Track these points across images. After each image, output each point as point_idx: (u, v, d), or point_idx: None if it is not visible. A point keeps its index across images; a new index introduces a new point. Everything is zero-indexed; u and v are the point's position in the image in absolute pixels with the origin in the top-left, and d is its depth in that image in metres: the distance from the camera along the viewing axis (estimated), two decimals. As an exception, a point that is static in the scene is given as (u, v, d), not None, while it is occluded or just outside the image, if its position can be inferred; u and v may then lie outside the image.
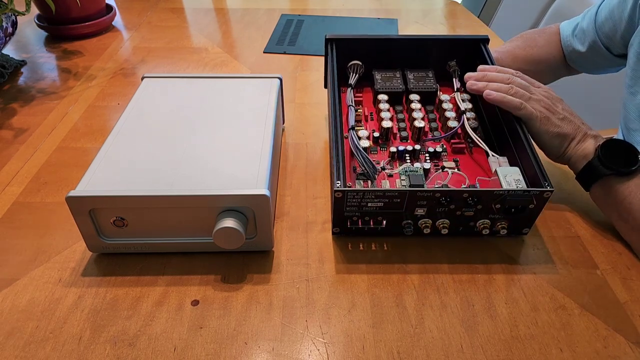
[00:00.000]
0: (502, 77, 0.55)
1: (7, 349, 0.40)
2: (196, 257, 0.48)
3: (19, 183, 0.58)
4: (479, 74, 0.56)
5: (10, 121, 0.70)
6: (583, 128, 0.52)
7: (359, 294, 0.45)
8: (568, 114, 0.53)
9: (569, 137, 0.52)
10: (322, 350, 0.40)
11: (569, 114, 0.53)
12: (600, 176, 0.49)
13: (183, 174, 0.45)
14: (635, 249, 0.49)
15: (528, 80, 0.56)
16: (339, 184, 0.45)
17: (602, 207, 0.52)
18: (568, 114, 0.53)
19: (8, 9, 0.70)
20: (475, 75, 0.56)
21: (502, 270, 0.48)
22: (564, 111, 0.53)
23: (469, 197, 0.45)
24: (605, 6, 0.66)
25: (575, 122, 0.52)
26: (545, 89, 0.55)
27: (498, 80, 0.55)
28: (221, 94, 0.58)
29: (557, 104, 0.53)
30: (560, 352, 0.40)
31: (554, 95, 0.55)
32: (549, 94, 0.54)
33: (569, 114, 0.53)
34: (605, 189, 0.50)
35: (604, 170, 0.49)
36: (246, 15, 1.09)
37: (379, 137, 0.58)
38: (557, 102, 0.54)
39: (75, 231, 0.51)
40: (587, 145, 0.51)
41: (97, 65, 0.86)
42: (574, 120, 0.53)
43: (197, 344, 0.41)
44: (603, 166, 0.48)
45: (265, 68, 0.87)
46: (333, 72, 0.59)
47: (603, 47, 0.67)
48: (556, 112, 0.52)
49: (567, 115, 0.53)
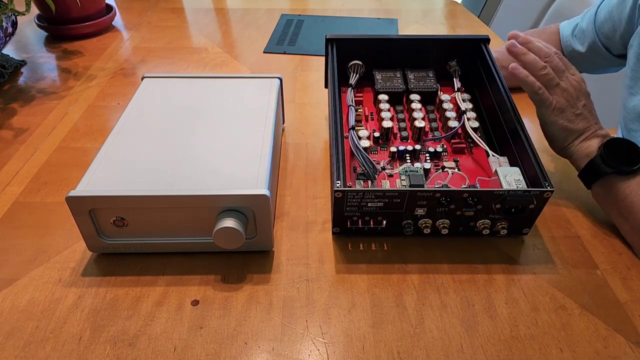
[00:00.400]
0: (544, 52, 0.53)
1: (7, 349, 0.40)
2: (196, 257, 0.48)
3: (19, 183, 0.58)
4: (524, 38, 0.54)
5: (10, 121, 0.70)
6: (594, 127, 0.52)
7: (359, 294, 0.45)
8: (587, 111, 0.52)
9: (576, 133, 0.52)
10: (322, 350, 0.40)
11: (587, 111, 0.52)
12: (602, 174, 0.49)
13: (183, 174, 0.45)
14: (635, 248, 0.49)
15: (566, 65, 0.54)
16: (339, 183, 0.45)
17: (603, 206, 0.52)
18: (587, 111, 0.52)
19: (8, 9, 0.70)
20: (521, 38, 0.54)
21: (502, 270, 0.48)
22: (584, 108, 0.52)
23: (469, 197, 0.45)
24: (604, 6, 0.66)
25: (590, 121, 0.52)
26: (577, 79, 0.53)
27: (539, 54, 0.53)
28: (221, 94, 0.58)
29: (580, 98, 0.52)
30: (560, 352, 0.40)
31: (582, 88, 0.53)
32: (578, 86, 0.52)
33: (587, 111, 0.52)
34: (607, 188, 0.50)
35: (605, 169, 0.48)
36: (246, 15, 1.09)
37: (379, 137, 0.58)
38: (581, 96, 0.52)
39: (75, 231, 0.51)
40: (592, 143, 0.51)
41: (97, 65, 0.86)
42: (590, 118, 0.52)
43: (197, 344, 0.41)
44: (605, 164, 0.48)
45: (265, 68, 0.87)
46: (333, 72, 0.59)
47: (602, 47, 0.67)
48: (575, 106, 0.52)
49: (584, 112, 0.52)
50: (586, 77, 0.79)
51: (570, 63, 0.73)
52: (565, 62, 0.54)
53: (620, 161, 0.48)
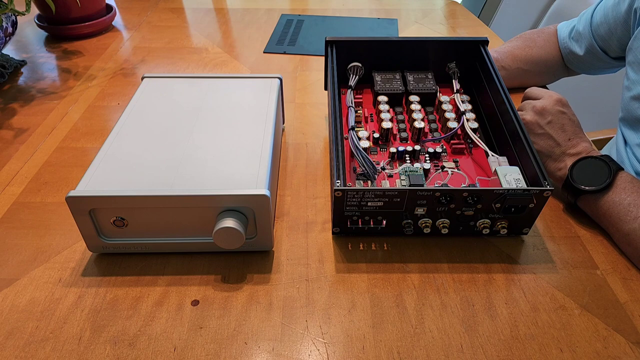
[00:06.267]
0: None
1: (7, 349, 0.40)
2: (196, 257, 0.48)
3: (19, 183, 0.58)
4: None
5: (10, 121, 0.70)
6: (564, 146, 0.52)
7: (359, 294, 0.45)
8: (554, 129, 0.53)
9: (544, 154, 0.54)
10: (322, 350, 0.40)
11: (555, 129, 0.53)
12: (577, 195, 0.51)
13: (183, 174, 0.45)
14: (629, 257, 0.49)
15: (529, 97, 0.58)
16: (338, 183, 0.45)
17: (592, 217, 0.52)
18: (554, 129, 0.53)
19: (8, 9, 0.70)
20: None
21: (502, 270, 0.48)
22: (549, 125, 0.53)
23: (469, 197, 0.45)
24: (600, 9, 0.66)
25: (556, 140, 0.53)
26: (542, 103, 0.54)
27: None
28: (221, 94, 0.58)
29: (545, 116, 0.53)
30: (560, 352, 0.40)
31: (544, 109, 0.54)
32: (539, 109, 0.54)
33: (555, 129, 0.53)
34: (588, 204, 0.51)
35: (578, 190, 0.50)
36: (246, 15, 1.09)
37: (379, 138, 0.58)
38: (546, 114, 0.53)
39: (75, 231, 0.51)
40: (565, 164, 0.52)
41: (97, 65, 0.86)
42: (557, 137, 0.53)
43: (197, 344, 0.41)
44: (576, 187, 0.50)
45: (265, 68, 0.87)
46: (333, 74, 0.59)
47: (600, 50, 0.67)
48: (538, 126, 0.53)
49: (549, 131, 0.53)
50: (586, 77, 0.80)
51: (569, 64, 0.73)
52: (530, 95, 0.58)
53: (589, 181, 0.49)
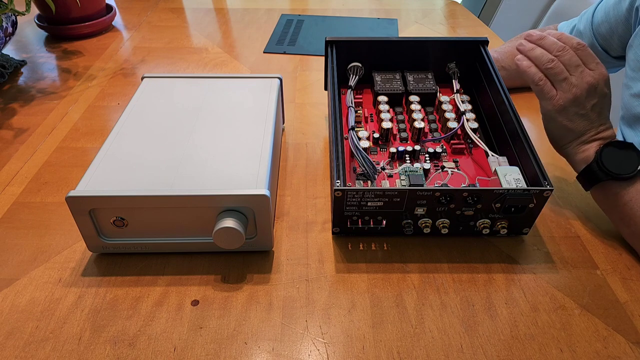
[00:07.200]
0: (556, 47, 0.50)
1: (7, 349, 0.40)
2: (196, 257, 0.48)
3: (19, 183, 0.58)
4: (539, 35, 0.51)
5: (10, 121, 0.70)
6: (597, 129, 0.49)
7: (359, 294, 0.45)
8: (595, 112, 0.49)
9: (575, 134, 0.50)
10: (322, 350, 0.40)
11: (596, 112, 0.49)
12: (599, 180, 0.48)
13: (183, 174, 0.45)
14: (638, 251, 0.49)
15: (585, 59, 0.49)
16: (338, 183, 0.45)
17: (603, 209, 0.51)
18: (595, 112, 0.49)
19: (8, 9, 0.70)
20: (536, 36, 0.51)
21: (502, 270, 0.48)
22: (592, 108, 0.49)
23: (469, 196, 0.45)
24: (601, 8, 0.66)
25: (593, 123, 0.49)
26: (594, 75, 0.49)
27: (550, 48, 0.50)
28: (221, 94, 0.58)
29: (592, 97, 0.48)
30: (560, 352, 0.40)
31: (598, 86, 0.48)
32: (594, 83, 0.48)
33: (596, 112, 0.49)
34: (605, 192, 0.49)
35: (602, 175, 0.47)
36: (246, 15, 1.09)
37: (379, 138, 0.58)
38: (594, 95, 0.48)
39: (75, 231, 0.51)
40: (590, 147, 0.49)
41: (97, 65, 0.86)
42: (595, 120, 0.49)
43: (197, 344, 0.41)
44: (601, 171, 0.47)
45: (265, 68, 0.87)
46: (333, 74, 0.59)
47: (601, 49, 0.67)
48: (580, 105, 0.48)
49: (591, 113, 0.49)
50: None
51: None
52: (586, 56, 0.50)
53: (618, 167, 0.47)
